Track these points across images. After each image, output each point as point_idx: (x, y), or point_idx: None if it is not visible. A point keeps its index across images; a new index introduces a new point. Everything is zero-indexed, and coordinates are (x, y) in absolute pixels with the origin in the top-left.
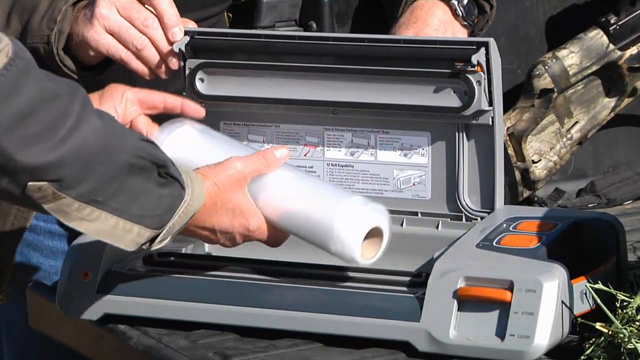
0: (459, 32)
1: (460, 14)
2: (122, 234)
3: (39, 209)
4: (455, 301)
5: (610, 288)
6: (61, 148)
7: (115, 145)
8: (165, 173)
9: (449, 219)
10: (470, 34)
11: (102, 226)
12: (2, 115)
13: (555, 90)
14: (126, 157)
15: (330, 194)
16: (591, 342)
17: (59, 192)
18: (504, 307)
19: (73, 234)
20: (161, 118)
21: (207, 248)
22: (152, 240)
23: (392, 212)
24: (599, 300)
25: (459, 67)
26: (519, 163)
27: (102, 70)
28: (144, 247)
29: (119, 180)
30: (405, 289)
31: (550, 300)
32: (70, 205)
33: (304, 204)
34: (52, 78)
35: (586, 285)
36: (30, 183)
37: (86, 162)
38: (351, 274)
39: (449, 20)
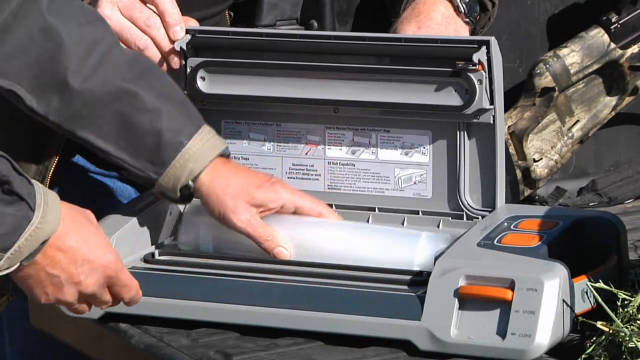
0: (461, 29)
1: (463, 11)
2: None
3: None
4: (456, 300)
5: (611, 287)
6: None
7: None
8: (8, 190)
9: (450, 218)
10: (472, 31)
11: None
12: None
13: (556, 88)
14: None
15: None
16: (592, 340)
17: None
18: (505, 306)
19: None
20: None
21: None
22: None
23: (392, 210)
24: (600, 299)
25: (460, 65)
26: (520, 162)
27: None
28: None
29: None
30: (406, 287)
31: (551, 299)
32: None
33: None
34: None
35: (587, 284)
36: None
37: None
38: (352, 273)
39: (452, 16)
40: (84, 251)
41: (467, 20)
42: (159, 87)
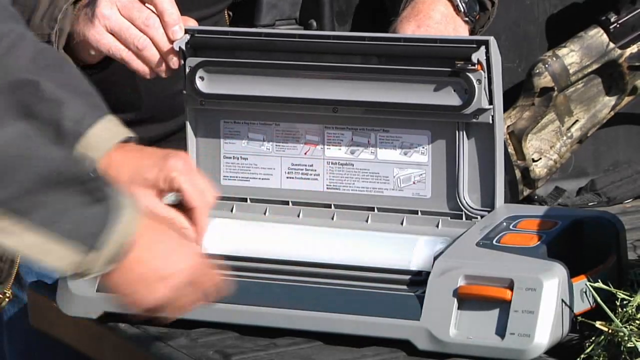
0: (460, 28)
1: (462, 10)
2: (43, 252)
3: None
4: (456, 300)
5: (610, 287)
6: None
7: (34, 153)
8: (90, 190)
9: (449, 218)
10: (472, 31)
11: (19, 241)
12: None
13: (556, 88)
14: (46, 167)
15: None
16: (591, 340)
17: None
18: (504, 306)
19: None
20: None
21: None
22: (79, 267)
23: (391, 210)
24: (599, 299)
25: (459, 65)
26: (519, 161)
27: (103, 69)
28: (72, 274)
29: (39, 193)
30: (405, 287)
31: (550, 298)
32: None
33: None
34: None
35: (586, 284)
36: None
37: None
38: (351, 273)
39: (451, 15)
40: (169, 245)
41: (467, 19)
42: (62, 79)
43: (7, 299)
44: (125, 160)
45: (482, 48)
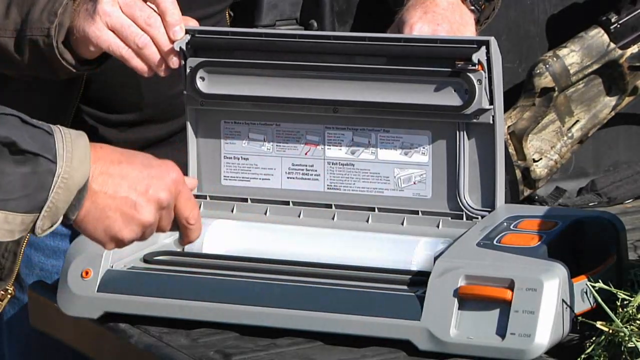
0: (466, 16)
1: None
2: None
3: None
4: (456, 300)
5: (610, 287)
6: None
7: None
8: (17, 150)
9: (449, 218)
10: (477, 20)
11: None
12: None
13: (556, 88)
14: None
15: None
16: (592, 340)
17: None
18: (504, 306)
19: (75, 233)
20: None
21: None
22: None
23: (392, 210)
24: (599, 299)
25: (459, 65)
26: (519, 162)
27: (100, 64)
28: (31, 233)
29: None
30: (405, 287)
31: (550, 298)
32: None
33: None
34: None
35: (587, 284)
36: None
37: None
38: (352, 273)
39: (457, 3)
40: (141, 168)
41: (473, 8)
42: None
43: (9, 296)
44: None
45: (483, 48)
